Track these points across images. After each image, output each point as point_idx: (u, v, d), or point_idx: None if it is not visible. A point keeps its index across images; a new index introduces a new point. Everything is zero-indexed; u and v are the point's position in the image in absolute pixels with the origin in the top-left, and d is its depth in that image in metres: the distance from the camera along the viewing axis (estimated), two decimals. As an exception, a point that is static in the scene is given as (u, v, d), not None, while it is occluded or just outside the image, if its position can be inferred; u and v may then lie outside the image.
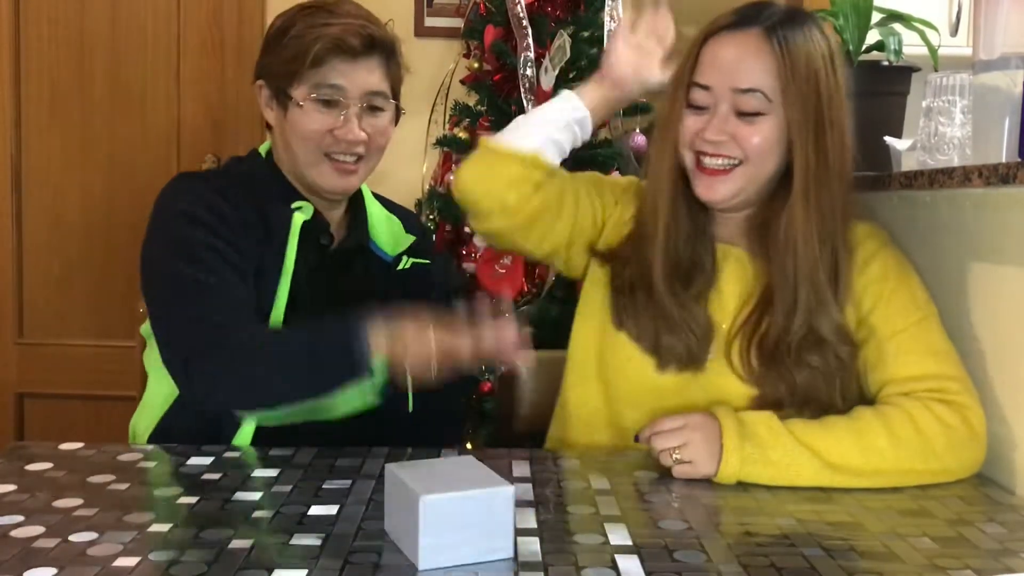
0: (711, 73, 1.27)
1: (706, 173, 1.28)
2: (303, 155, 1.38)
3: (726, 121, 1.26)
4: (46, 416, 2.84)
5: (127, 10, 2.77)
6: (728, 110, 1.26)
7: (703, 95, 1.27)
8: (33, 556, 0.89)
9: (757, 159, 1.26)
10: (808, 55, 1.24)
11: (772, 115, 1.25)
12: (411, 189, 2.51)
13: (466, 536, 0.89)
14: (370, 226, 1.50)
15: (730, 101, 1.26)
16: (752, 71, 1.24)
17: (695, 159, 1.29)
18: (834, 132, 1.25)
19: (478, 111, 2.37)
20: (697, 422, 1.18)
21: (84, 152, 2.79)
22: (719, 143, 1.26)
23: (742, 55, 1.25)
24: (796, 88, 1.23)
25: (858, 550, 0.96)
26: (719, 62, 1.26)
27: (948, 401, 1.21)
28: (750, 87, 1.24)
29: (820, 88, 1.24)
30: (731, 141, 1.26)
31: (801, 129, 1.24)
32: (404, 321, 1.19)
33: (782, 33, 1.24)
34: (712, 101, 1.27)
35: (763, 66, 1.24)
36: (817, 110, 1.24)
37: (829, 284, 1.26)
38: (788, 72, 1.23)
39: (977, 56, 1.28)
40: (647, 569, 0.89)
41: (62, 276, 2.81)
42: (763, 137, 1.25)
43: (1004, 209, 1.25)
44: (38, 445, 1.27)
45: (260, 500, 1.07)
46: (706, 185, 1.28)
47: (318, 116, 1.36)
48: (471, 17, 2.46)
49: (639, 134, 2.33)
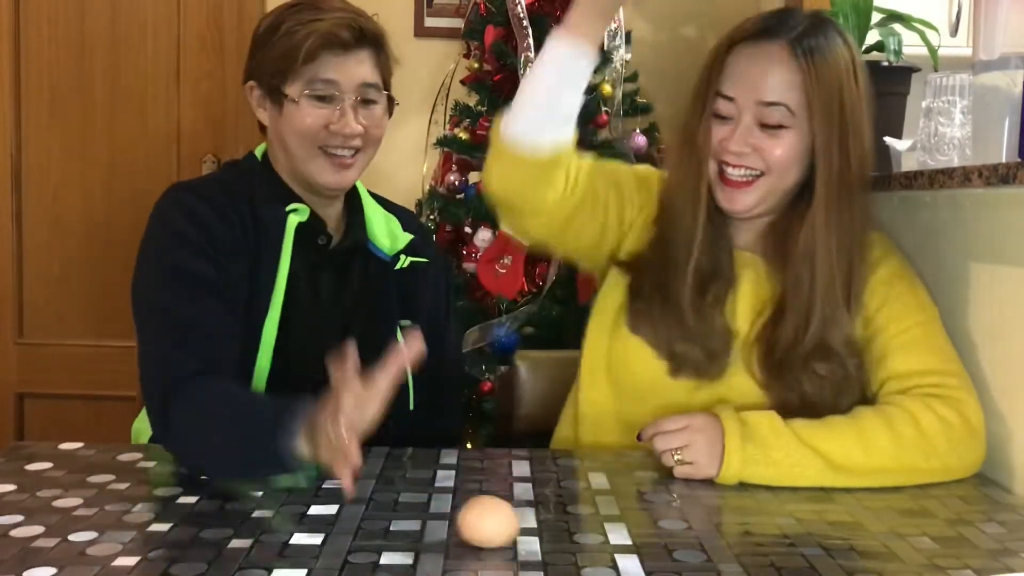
0: (736, 85, 1.26)
1: (728, 185, 1.28)
2: (299, 152, 1.38)
3: (749, 133, 1.26)
4: (46, 416, 2.84)
5: (127, 10, 2.77)
6: (751, 121, 1.26)
7: (727, 105, 1.27)
8: (33, 556, 0.89)
9: (779, 171, 1.26)
10: (832, 67, 1.24)
11: (795, 128, 1.25)
12: (411, 189, 2.52)
13: None
14: (368, 225, 1.50)
15: (754, 113, 1.25)
16: (777, 85, 1.24)
17: (718, 169, 1.29)
18: (856, 141, 1.25)
19: (478, 111, 2.37)
20: (700, 423, 1.18)
21: (84, 152, 2.79)
22: (742, 154, 1.26)
23: (767, 68, 1.25)
24: (820, 101, 1.23)
25: (858, 550, 0.96)
26: (744, 74, 1.26)
27: (947, 397, 1.22)
28: (774, 101, 1.24)
29: (844, 99, 1.24)
30: (754, 153, 1.26)
31: (824, 141, 1.24)
32: (319, 418, 1.08)
33: (807, 44, 1.24)
34: (735, 112, 1.27)
35: (788, 80, 1.24)
36: (841, 121, 1.24)
37: (843, 295, 1.27)
38: (813, 86, 1.23)
39: (977, 56, 1.28)
40: (647, 569, 0.89)
41: (62, 276, 2.81)
42: (785, 150, 1.25)
43: (1004, 209, 1.25)
44: (38, 445, 1.27)
45: (260, 500, 1.07)
46: (728, 196, 1.29)
47: (313, 111, 1.36)
48: (471, 17, 2.47)
49: (639, 134, 2.33)
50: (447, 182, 2.38)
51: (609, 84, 2.30)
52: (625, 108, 2.34)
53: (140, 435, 1.42)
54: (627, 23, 2.40)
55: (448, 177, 2.39)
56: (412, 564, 0.89)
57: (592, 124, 2.30)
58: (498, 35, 2.31)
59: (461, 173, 2.38)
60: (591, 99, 2.29)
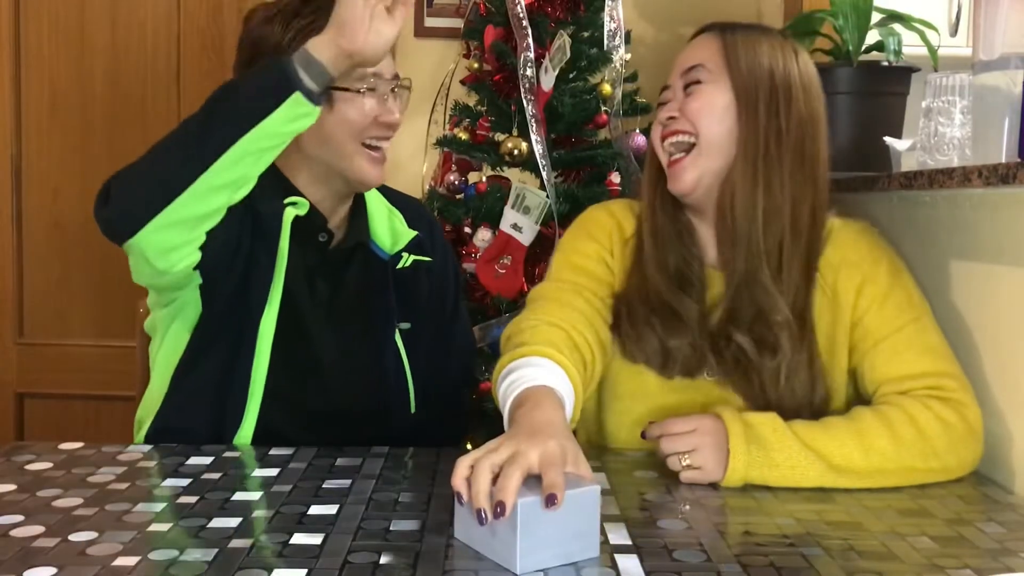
0: (671, 72, 1.36)
1: (670, 166, 1.32)
2: (344, 148, 1.38)
3: (675, 100, 1.33)
4: (46, 416, 2.84)
5: (127, 10, 2.77)
6: (678, 91, 1.33)
7: (665, 93, 1.36)
8: (33, 556, 0.89)
9: (706, 131, 1.29)
10: (756, 40, 1.31)
11: (713, 84, 1.30)
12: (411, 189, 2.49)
13: (559, 537, 0.88)
14: (369, 222, 1.49)
15: (680, 85, 1.33)
16: (696, 51, 1.34)
17: (666, 159, 1.33)
18: (792, 113, 1.27)
19: (478, 111, 2.36)
20: (707, 427, 1.17)
21: (84, 152, 2.79)
22: (672, 120, 1.32)
23: (693, 49, 1.35)
24: (739, 59, 1.29)
25: (858, 550, 0.96)
26: (676, 62, 1.36)
27: (945, 398, 1.22)
28: (693, 64, 1.32)
29: (770, 65, 1.28)
30: (681, 116, 1.31)
31: (746, 97, 1.28)
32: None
33: (736, 30, 1.33)
34: (671, 95, 1.35)
35: (707, 45, 1.33)
36: (771, 85, 1.27)
37: (770, 265, 1.27)
38: (732, 47, 1.30)
39: (977, 56, 1.28)
40: (647, 569, 0.89)
41: (62, 276, 2.81)
42: (702, 102, 1.30)
43: (1004, 209, 1.25)
44: (38, 445, 1.27)
45: (260, 500, 1.07)
46: (673, 176, 1.32)
47: (364, 103, 1.37)
48: (471, 17, 2.46)
49: (639, 134, 2.33)
50: (447, 182, 2.38)
51: (609, 84, 2.29)
52: (625, 108, 2.33)
53: (143, 425, 1.42)
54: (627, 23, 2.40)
55: (448, 177, 2.38)
56: (412, 564, 0.89)
57: (592, 124, 2.30)
58: (498, 35, 2.31)
59: (461, 173, 2.38)
60: (591, 99, 2.29)
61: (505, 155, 2.24)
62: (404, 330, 1.48)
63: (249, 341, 1.34)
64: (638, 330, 1.31)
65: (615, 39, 2.32)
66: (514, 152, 2.23)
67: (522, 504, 0.86)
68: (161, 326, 1.40)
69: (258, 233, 1.36)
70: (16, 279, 2.81)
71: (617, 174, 2.26)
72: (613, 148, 2.28)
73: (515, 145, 2.22)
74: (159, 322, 1.41)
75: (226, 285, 1.34)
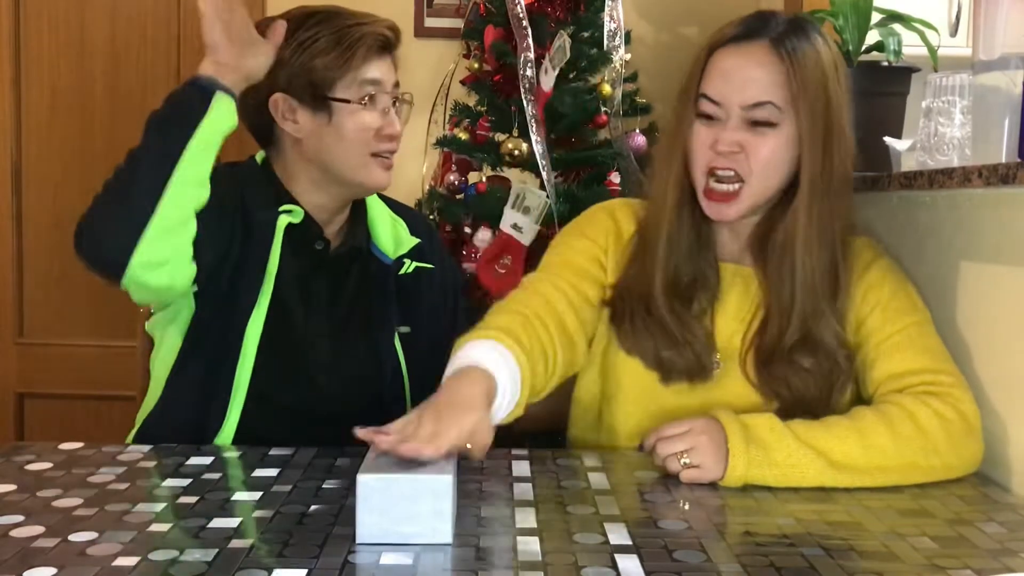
0: (721, 87, 1.26)
1: (713, 199, 1.28)
2: (353, 157, 1.39)
3: (737, 131, 1.25)
4: (46, 416, 2.84)
5: (127, 10, 2.77)
6: (739, 122, 1.25)
7: (713, 108, 1.26)
8: (33, 556, 0.89)
9: (763, 174, 1.26)
10: (815, 66, 1.24)
11: (782, 127, 1.25)
12: (411, 189, 2.51)
13: (400, 516, 0.93)
14: (372, 227, 1.50)
15: (741, 115, 1.25)
16: (762, 84, 1.24)
17: (705, 183, 1.28)
18: (839, 139, 1.25)
19: (478, 111, 2.37)
20: (702, 426, 1.17)
21: (84, 152, 2.79)
22: (730, 154, 1.25)
23: (752, 70, 1.25)
24: (805, 99, 1.23)
25: (858, 550, 0.96)
26: (728, 76, 1.25)
27: (942, 394, 1.22)
28: (761, 100, 1.24)
29: (829, 95, 1.24)
30: (741, 152, 1.25)
31: (811, 139, 1.24)
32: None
33: (789, 44, 1.24)
34: (723, 115, 1.26)
35: (773, 78, 1.24)
36: (826, 118, 1.24)
37: (827, 290, 1.27)
38: (797, 84, 1.23)
39: (977, 56, 1.28)
40: (647, 569, 0.89)
41: (62, 276, 2.81)
42: (772, 149, 1.25)
43: (1004, 209, 1.25)
44: (38, 445, 1.27)
45: (260, 500, 1.07)
46: (713, 209, 1.28)
47: (367, 114, 1.38)
48: (471, 17, 2.46)
49: (639, 134, 2.33)
50: (447, 182, 2.38)
51: (609, 84, 2.29)
52: (625, 108, 2.33)
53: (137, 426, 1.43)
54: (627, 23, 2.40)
55: (448, 177, 2.38)
56: (412, 564, 0.89)
57: (592, 124, 2.31)
58: (498, 35, 2.31)
59: (461, 173, 2.38)
60: (591, 99, 2.29)
61: (505, 155, 2.25)
62: (403, 334, 1.48)
63: (235, 345, 1.34)
64: (637, 335, 1.32)
65: (615, 39, 2.32)
66: (514, 152, 2.23)
67: (361, 480, 0.93)
68: (158, 329, 1.42)
69: (250, 240, 1.36)
70: (16, 279, 2.81)
71: (617, 174, 2.26)
72: (613, 148, 2.29)
73: (515, 145, 2.22)
74: (156, 326, 1.43)
75: (215, 290, 1.34)
